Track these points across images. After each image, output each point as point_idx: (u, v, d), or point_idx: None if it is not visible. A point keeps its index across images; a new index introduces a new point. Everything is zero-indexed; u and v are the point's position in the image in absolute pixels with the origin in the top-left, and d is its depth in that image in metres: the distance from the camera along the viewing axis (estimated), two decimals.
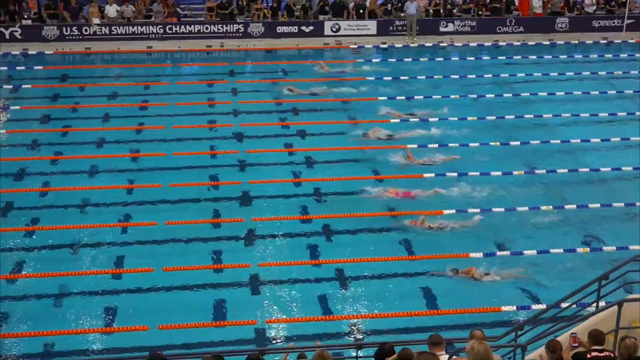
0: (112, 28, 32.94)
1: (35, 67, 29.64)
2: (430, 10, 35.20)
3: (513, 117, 24.44)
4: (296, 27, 33.75)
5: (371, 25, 34.15)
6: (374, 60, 31.00)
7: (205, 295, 15.17)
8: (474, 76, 28.69)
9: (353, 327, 14.28)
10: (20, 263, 16.22)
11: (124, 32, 33.04)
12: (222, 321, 14.36)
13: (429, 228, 17.42)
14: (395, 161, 20.97)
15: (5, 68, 29.48)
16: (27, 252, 16.69)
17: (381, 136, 22.56)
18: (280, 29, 33.70)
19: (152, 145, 22.06)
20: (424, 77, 28.45)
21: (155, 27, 33.20)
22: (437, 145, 22.08)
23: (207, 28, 33.46)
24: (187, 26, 33.52)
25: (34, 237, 17.35)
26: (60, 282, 15.52)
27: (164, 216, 18.00)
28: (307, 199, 19.12)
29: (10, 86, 27.30)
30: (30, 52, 31.30)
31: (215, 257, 16.48)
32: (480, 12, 35.06)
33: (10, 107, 25.25)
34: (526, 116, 24.50)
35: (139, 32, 33.12)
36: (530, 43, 33.16)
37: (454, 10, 35.48)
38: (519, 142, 22.48)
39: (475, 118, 24.32)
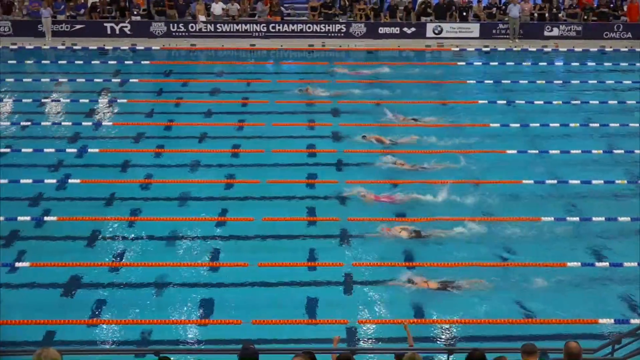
0: (217, 25, 33.59)
1: (142, 62, 30.46)
2: (535, 14, 34.60)
3: (618, 125, 23.77)
4: (398, 29, 33.70)
5: (474, 28, 33.82)
6: (475, 63, 30.66)
7: (298, 292, 15.29)
8: (578, 82, 28.06)
9: (444, 332, 14.20)
10: (121, 252, 16.72)
11: (228, 29, 33.64)
12: (314, 319, 14.48)
13: None
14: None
15: (115, 62, 30.42)
16: (129, 242, 17.18)
17: (385, 140, 22.28)
18: (382, 30, 33.70)
19: (252, 142, 22.36)
20: (526, 81, 27.99)
21: (258, 25, 33.70)
22: (537, 151, 21.72)
23: (309, 27, 33.74)
24: (290, 25, 33.86)
25: (135, 227, 17.85)
26: (159, 272, 15.91)
27: (261, 212, 18.25)
28: (404, 202, 19.07)
29: (119, 80, 28.17)
30: (138, 48, 32.21)
31: (310, 254, 16.62)
32: (586, 17, 34.27)
33: (118, 101, 26.01)
34: (631, 125, 23.81)
35: (243, 30, 33.67)
36: (638, 50, 32.20)
37: (560, 15, 34.77)
38: (622, 151, 21.88)
39: (578, 125, 23.80)
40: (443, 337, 14.05)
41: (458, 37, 33.57)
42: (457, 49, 32.47)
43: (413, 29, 33.73)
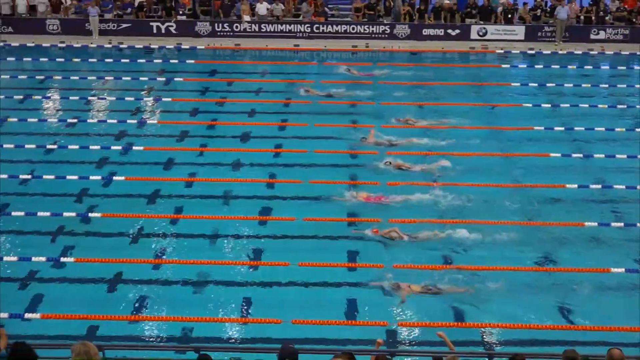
0: (262, 25, 33.78)
1: (187, 61, 30.75)
2: (582, 17, 34.24)
3: None
4: (442, 30, 33.59)
5: (519, 30, 33.58)
6: (519, 66, 30.45)
7: (338, 293, 15.31)
8: (625, 86, 27.73)
9: (485, 336, 14.12)
10: (164, 249, 16.90)
11: (272, 29, 33.82)
12: (354, 320, 14.48)
13: None
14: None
15: (160, 61, 30.77)
16: (171, 239, 17.36)
17: (383, 141, 22.14)
18: (426, 32, 33.62)
19: (294, 142, 22.44)
20: (571, 85, 27.74)
21: (303, 25, 33.81)
22: (581, 155, 21.52)
23: (353, 28, 33.78)
24: (334, 26, 33.93)
25: (177, 225, 18.03)
26: (200, 270, 16.03)
27: (302, 212, 18.30)
28: (443, 203, 18.99)
29: (164, 79, 28.46)
30: (183, 47, 32.53)
31: (350, 255, 16.63)
32: (634, 20, 33.81)
33: (163, 99, 26.29)
34: None
35: (287, 30, 33.81)
36: None
37: (606, 18, 34.35)
38: None
39: (624, 129, 23.50)
40: (484, 341, 13.98)
41: (503, 39, 33.37)
42: (502, 51, 32.28)
43: (457, 31, 33.61)
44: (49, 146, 22.10)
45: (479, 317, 14.57)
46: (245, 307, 14.86)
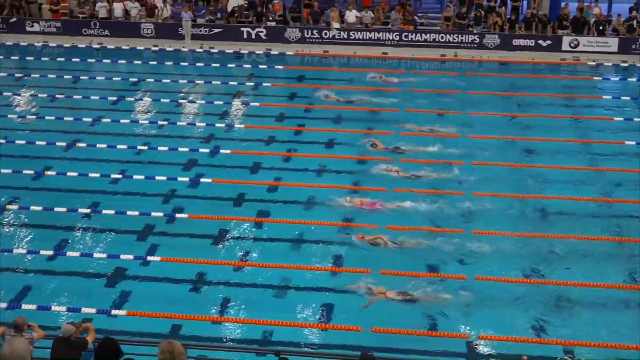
0: (351, 33, 33.90)
1: (276, 67, 31.10)
2: None
3: None
4: (533, 41, 33.10)
5: (612, 42, 32.85)
6: (612, 78, 29.81)
7: (420, 304, 15.22)
8: None
9: (565, 354, 13.87)
10: (247, 252, 17.12)
11: (361, 37, 33.91)
12: (434, 331, 14.39)
13: None
14: None
15: (249, 66, 31.22)
16: (254, 242, 17.57)
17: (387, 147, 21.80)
18: (517, 42, 33.18)
19: (379, 151, 22.37)
20: None
21: (391, 33, 33.81)
22: None
23: (442, 37, 33.59)
24: (423, 34, 33.82)
25: (261, 228, 18.24)
26: (282, 274, 16.18)
27: (385, 220, 18.22)
28: (529, 214, 18.80)
29: (252, 83, 28.85)
30: (272, 52, 32.90)
31: (432, 265, 16.54)
32: None
33: (251, 104, 26.63)
34: None
35: (376, 37, 33.86)
36: None
37: None
38: None
39: None
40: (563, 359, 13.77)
41: (595, 51, 32.69)
42: (594, 63, 31.63)
43: (549, 42, 33.07)
44: (139, 147, 22.66)
45: (562, 334, 14.32)
46: (326, 313, 14.93)
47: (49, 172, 20.86)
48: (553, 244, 17.27)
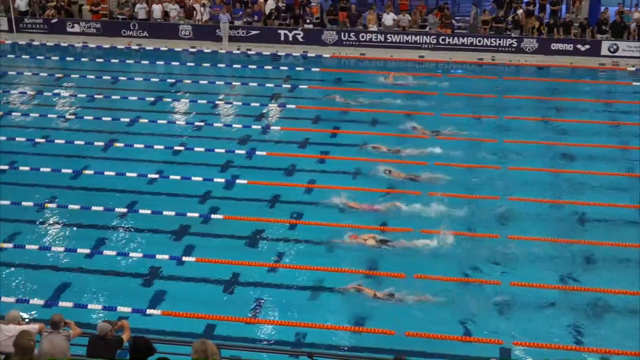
0: (388, 36, 33.87)
1: (312, 69, 31.16)
2: None
3: None
4: (571, 45, 32.82)
5: None
6: None
7: (452, 309, 15.18)
8: None
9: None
10: (281, 254, 17.18)
11: (398, 40, 33.86)
12: (468, 336, 14.35)
13: None
14: None
15: (286, 68, 31.32)
16: (288, 244, 17.63)
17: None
18: (555, 46, 32.93)
19: (414, 155, 22.32)
20: None
21: (428, 37, 33.72)
22: None
23: (479, 41, 33.43)
24: (460, 38, 33.68)
25: (295, 230, 18.29)
26: (316, 276, 16.23)
27: (418, 224, 18.17)
28: (565, 220, 18.67)
29: (289, 85, 28.93)
30: (309, 55, 32.97)
31: (466, 271, 16.49)
32: None
33: (287, 106, 26.73)
34: None
35: (413, 41, 33.79)
36: None
37: None
38: None
39: None
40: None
41: (635, 56, 32.32)
42: (633, 68, 31.28)
43: (587, 47, 32.77)
44: (176, 147, 22.83)
45: (599, 342, 14.18)
46: (359, 316, 14.93)
47: (87, 172, 21.12)
48: (589, 250, 17.15)
